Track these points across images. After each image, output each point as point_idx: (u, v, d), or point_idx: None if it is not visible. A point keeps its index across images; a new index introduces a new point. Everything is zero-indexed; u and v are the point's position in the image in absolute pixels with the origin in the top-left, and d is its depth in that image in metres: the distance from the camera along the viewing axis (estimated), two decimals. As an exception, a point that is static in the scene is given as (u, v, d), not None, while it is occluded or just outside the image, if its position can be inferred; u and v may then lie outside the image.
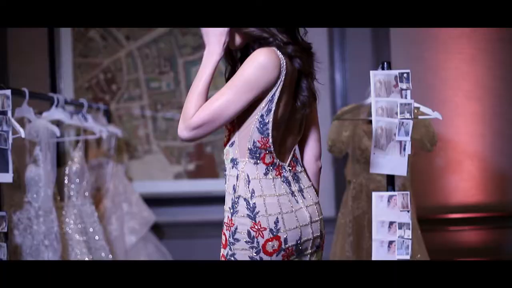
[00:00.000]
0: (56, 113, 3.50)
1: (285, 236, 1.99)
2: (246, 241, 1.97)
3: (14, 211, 3.18)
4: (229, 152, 2.06)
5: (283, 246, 1.99)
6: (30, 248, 3.16)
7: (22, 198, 3.20)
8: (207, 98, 1.96)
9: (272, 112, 1.97)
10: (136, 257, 4.27)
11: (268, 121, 1.98)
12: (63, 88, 4.72)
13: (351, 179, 3.74)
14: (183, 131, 1.94)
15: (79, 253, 3.49)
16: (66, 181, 3.61)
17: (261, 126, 1.98)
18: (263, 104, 1.97)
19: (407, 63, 4.24)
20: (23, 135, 2.87)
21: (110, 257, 3.71)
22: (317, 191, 2.19)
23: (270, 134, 1.99)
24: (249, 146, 2.00)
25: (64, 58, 4.75)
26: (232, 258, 1.99)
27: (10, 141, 2.76)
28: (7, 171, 2.76)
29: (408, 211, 2.53)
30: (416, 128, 3.48)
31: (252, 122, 1.99)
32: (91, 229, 3.68)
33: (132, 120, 4.76)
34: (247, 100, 1.93)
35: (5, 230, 2.79)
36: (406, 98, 2.51)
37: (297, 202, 2.05)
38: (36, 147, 3.21)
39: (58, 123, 3.54)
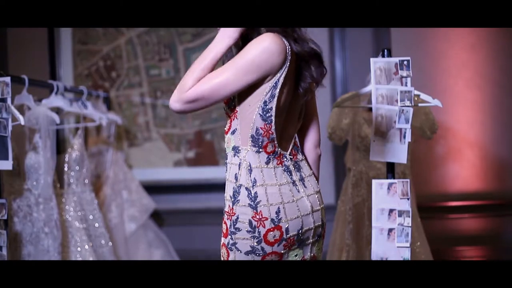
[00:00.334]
0: (55, 100, 3.50)
1: (286, 226, 1.98)
2: (247, 231, 1.96)
3: (14, 198, 3.18)
4: (230, 140, 2.04)
5: (284, 236, 1.98)
6: (30, 235, 3.17)
7: (22, 186, 3.20)
8: None
9: (276, 98, 1.95)
10: (135, 245, 4.28)
11: (271, 107, 1.95)
12: (63, 75, 4.72)
13: (351, 166, 3.74)
14: (176, 102, 1.90)
15: (79, 241, 3.50)
16: (66, 168, 3.61)
17: (264, 112, 1.96)
18: (266, 89, 1.94)
19: (407, 51, 4.22)
20: (22, 122, 2.87)
21: (110, 244, 3.72)
22: (317, 179, 2.18)
23: (273, 121, 1.96)
24: (252, 133, 1.98)
25: (64, 45, 4.74)
26: (233, 247, 1.98)
27: (10, 128, 2.76)
28: (6, 158, 2.76)
29: (408, 199, 2.53)
30: (416, 115, 3.48)
31: (255, 109, 1.96)
32: (91, 217, 3.69)
33: (131, 107, 4.75)
34: (247, 81, 1.90)
35: (5, 217, 2.79)
36: (406, 85, 2.51)
37: (298, 191, 2.04)
38: (35, 134, 3.21)
39: (57, 110, 3.54)
